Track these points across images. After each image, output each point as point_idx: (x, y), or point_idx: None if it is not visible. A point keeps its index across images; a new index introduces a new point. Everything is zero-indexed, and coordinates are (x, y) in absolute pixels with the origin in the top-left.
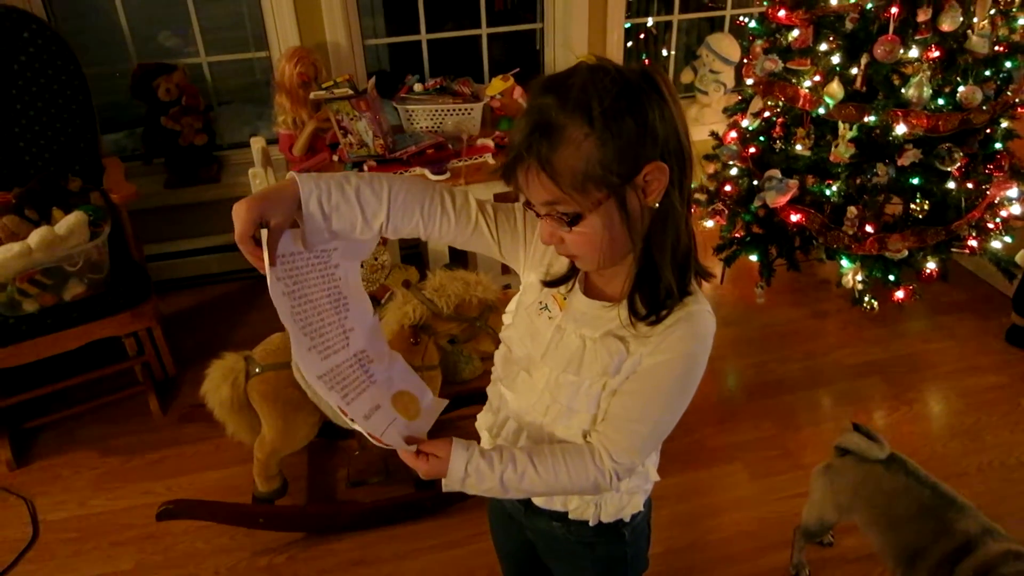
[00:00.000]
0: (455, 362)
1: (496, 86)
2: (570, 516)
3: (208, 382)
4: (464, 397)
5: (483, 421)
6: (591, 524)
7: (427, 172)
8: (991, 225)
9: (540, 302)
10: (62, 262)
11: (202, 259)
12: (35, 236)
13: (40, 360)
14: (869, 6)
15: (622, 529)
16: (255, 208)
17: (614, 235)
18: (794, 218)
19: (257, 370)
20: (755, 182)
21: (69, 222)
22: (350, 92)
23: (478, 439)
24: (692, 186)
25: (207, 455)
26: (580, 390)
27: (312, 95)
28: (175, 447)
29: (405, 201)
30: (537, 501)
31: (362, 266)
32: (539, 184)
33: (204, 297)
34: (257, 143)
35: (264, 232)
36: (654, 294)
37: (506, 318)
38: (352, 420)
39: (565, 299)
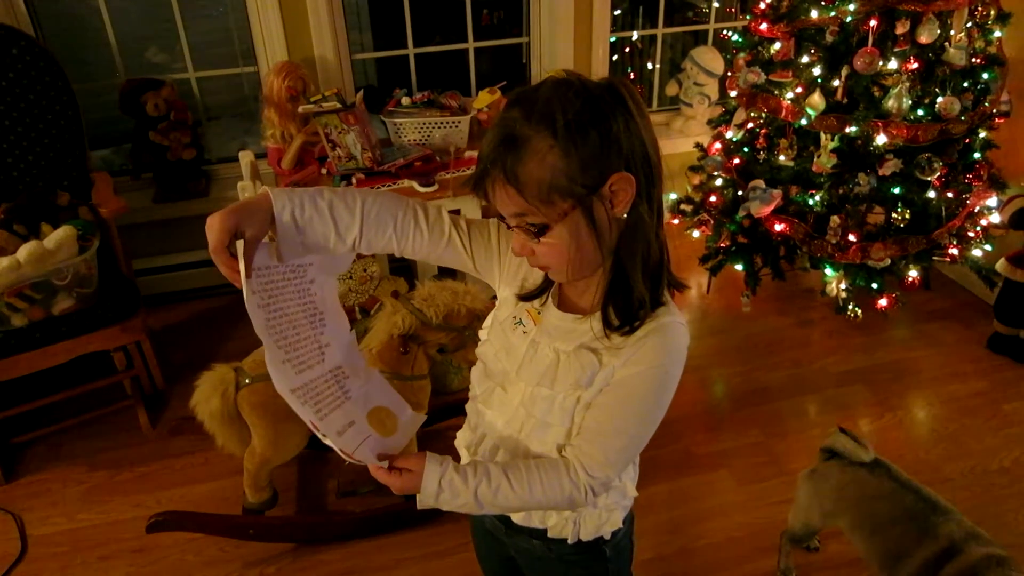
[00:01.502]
0: (444, 372)
1: (483, 99)
2: (549, 534)
3: (198, 393)
4: (453, 407)
5: (462, 439)
6: (570, 542)
7: (415, 184)
8: (971, 234)
9: (515, 317)
10: (51, 276)
11: (191, 273)
12: (24, 250)
13: (28, 374)
14: (849, 19)
15: (603, 547)
16: (229, 219)
17: (582, 245)
18: (778, 228)
19: (247, 381)
20: (740, 192)
21: (58, 236)
22: (338, 105)
23: (458, 456)
24: (675, 197)
25: (196, 467)
26: (554, 404)
27: (301, 109)
28: (164, 460)
29: (378, 215)
30: (516, 519)
31: (351, 277)
32: (506, 196)
33: (193, 311)
34: (246, 157)
35: (240, 243)
36: (627, 305)
37: (482, 334)
38: (324, 436)
39: (539, 313)
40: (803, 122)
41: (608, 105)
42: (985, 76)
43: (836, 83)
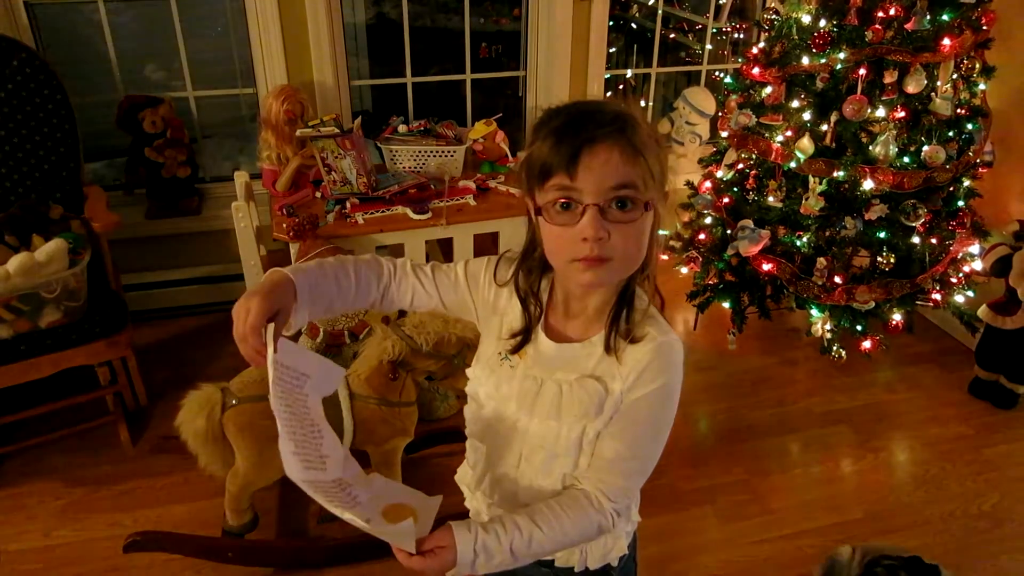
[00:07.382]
0: (431, 399)
1: (479, 130)
2: (556, 563)
3: (183, 412)
4: (439, 435)
5: (462, 476)
6: (577, 571)
7: (409, 212)
8: (954, 280)
9: (499, 352)
10: (39, 288)
11: (181, 290)
12: (14, 262)
13: (11, 386)
14: (839, 66)
15: (611, 573)
16: (267, 302)
17: (646, 242)
18: (766, 267)
19: (234, 402)
20: (728, 231)
21: (48, 249)
22: (336, 131)
23: (456, 487)
24: (664, 233)
25: (177, 487)
26: (560, 435)
27: (298, 132)
28: (144, 479)
29: (367, 278)
30: None
31: None
32: (621, 162)
33: (180, 328)
34: (241, 177)
35: (270, 327)
36: (629, 319)
37: (470, 372)
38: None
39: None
40: (792, 165)
41: None
42: (969, 127)
43: (825, 128)
